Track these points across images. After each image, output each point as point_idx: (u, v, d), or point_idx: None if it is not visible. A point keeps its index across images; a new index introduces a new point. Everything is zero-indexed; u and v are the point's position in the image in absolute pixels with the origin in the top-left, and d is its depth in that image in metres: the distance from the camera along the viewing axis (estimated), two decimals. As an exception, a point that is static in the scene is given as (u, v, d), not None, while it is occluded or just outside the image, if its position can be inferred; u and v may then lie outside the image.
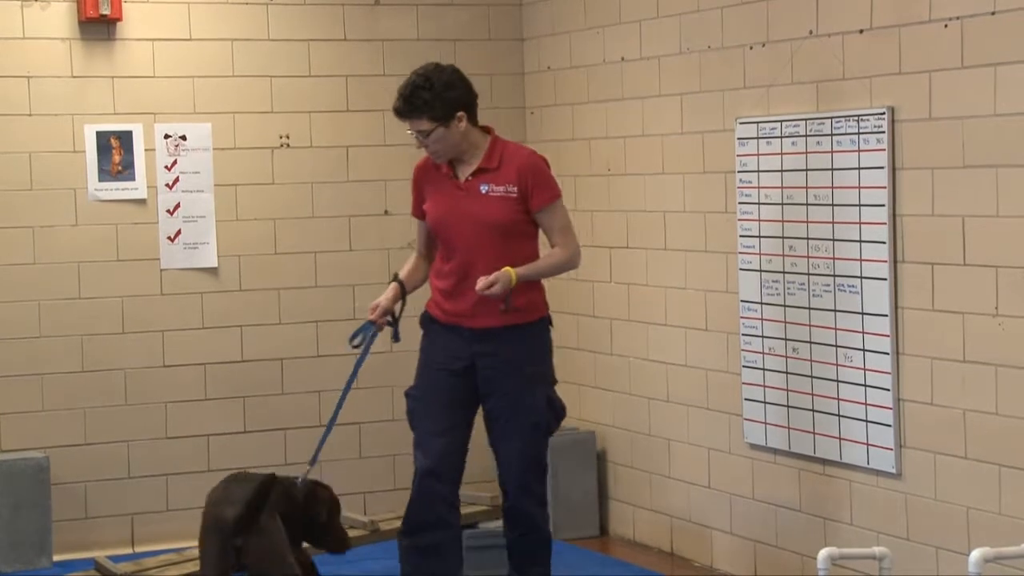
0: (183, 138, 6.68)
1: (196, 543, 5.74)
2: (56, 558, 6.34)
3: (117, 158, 6.60)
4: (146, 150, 6.63)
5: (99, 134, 6.57)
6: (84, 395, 6.56)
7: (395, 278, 5.22)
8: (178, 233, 6.69)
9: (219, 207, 6.73)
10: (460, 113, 5.01)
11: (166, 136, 6.67)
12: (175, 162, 6.68)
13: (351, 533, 5.95)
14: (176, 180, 6.69)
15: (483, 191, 5.05)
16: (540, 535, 5.20)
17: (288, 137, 6.86)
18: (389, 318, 5.18)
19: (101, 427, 6.55)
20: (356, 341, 5.19)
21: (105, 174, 6.59)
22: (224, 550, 4.91)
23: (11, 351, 6.46)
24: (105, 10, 6.43)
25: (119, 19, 6.50)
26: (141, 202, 6.63)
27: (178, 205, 6.69)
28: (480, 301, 4.97)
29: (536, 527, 5.18)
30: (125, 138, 6.61)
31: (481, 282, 4.91)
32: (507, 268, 4.95)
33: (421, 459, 5.14)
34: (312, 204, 6.87)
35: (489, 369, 5.06)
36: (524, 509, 5.14)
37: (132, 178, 6.62)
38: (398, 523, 5.92)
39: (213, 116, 6.73)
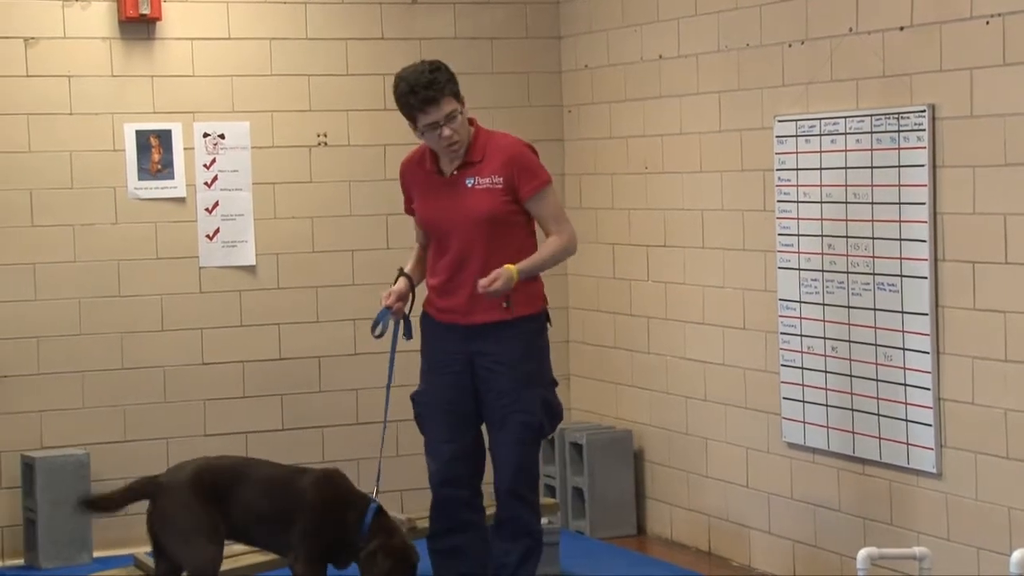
0: (222, 137, 6.71)
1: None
2: (96, 554, 6.38)
3: (156, 157, 6.64)
4: (185, 149, 6.66)
5: (139, 133, 6.60)
6: (124, 392, 6.59)
7: (401, 272, 5.14)
8: (216, 231, 6.72)
9: (257, 205, 6.76)
10: (464, 108, 5.00)
11: (205, 135, 6.70)
12: (214, 161, 6.71)
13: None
14: (215, 179, 6.72)
15: (468, 184, 4.99)
16: (532, 541, 5.09)
17: (326, 135, 6.88)
18: (403, 307, 5.09)
19: (141, 424, 6.58)
20: (377, 331, 5.12)
21: (145, 173, 6.62)
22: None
23: (52, 349, 6.49)
24: (145, 10, 6.46)
25: (159, 19, 6.53)
26: (180, 200, 6.66)
27: (217, 203, 6.72)
28: (474, 297, 4.92)
29: (528, 533, 5.08)
30: (164, 137, 6.64)
31: (482, 281, 4.86)
32: (508, 266, 4.89)
33: (433, 466, 5.14)
34: (349, 202, 6.88)
35: (484, 369, 5.00)
36: (515, 514, 5.05)
37: (171, 177, 6.65)
38: None
39: (251, 115, 6.75)
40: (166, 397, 6.64)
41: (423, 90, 4.90)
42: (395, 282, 5.11)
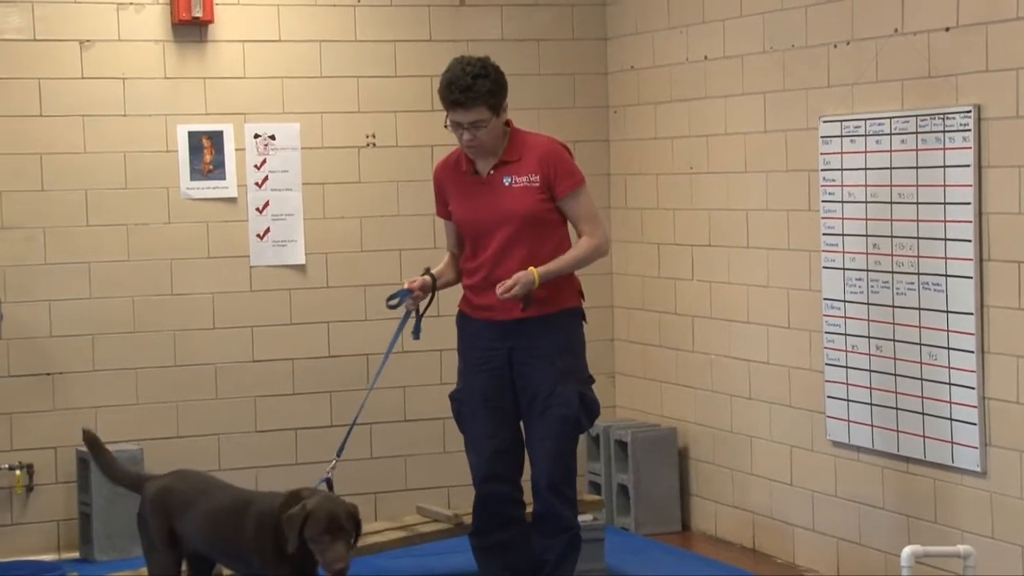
0: (272, 138, 6.74)
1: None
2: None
3: (208, 157, 6.67)
4: (236, 150, 6.69)
5: (191, 134, 6.64)
6: (176, 389, 6.63)
7: (426, 271, 5.16)
8: (267, 231, 6.76)
9: (307, 205, 6.79)
10: (505, 104, 5.01)
11: (256, 136, 6.73)
12: (264, 161, 6.74)
13: (433, 528, 5.94)
14: (265, 179, 6.76)
15: (506, 183, 5.00)
16: (570, 536, 5.09)
17: (374, 136, 6.90)
18: (422, 296, 5.10)
19: (193, 420, 6.63)
20: (393, 302, 5.12)
21: (197, 173, 6.66)
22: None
23: (106, 346, 6.54)
24: (197, 12, 6.50)
25: (211, 21, 6.56)
26: (231, 200, 6.70)
27: (267, 203, 6.76)
28: None
29: (566, 529, 5.08)
30: (216, 138, 6.68)
31: (499, 288, 4.89)
32: (530, 268, 4.90)
33: (475, 463, 5.14)
34: (397, 202, 6.91)
35: (522, 363, 5.01)
36: (553, 510, 5.04)
37: (223, 177, 6.69)
38: None
39: (301, 116, 6.78)
40: (217, 394, 6.68)
41: (458, 92, 4.93)
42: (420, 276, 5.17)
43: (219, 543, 4.89)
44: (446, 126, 5.02)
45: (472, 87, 4.91)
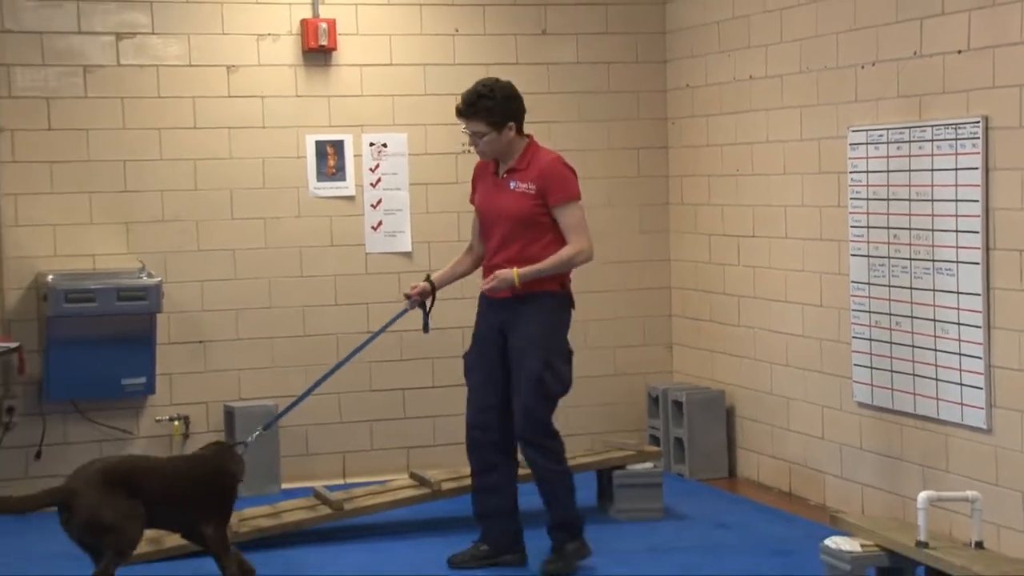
0: (384, 145, 6.77)
1: (396, 476, 5.75)
2: (283, 486, 6.47)
3: (332, 162, 6.71)
4: (355, 156, 6.71)
5: (317, 143, 6.67)
6: (305, 355, 6.67)
7: (427, 278, 5.22)
8: (379, 223, 6.81)
9: (413, 202, 6.81)
10: (511, 123, 4.96)
11: (371, 144, 6.75)
12: (378, 165, 6.78)
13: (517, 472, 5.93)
14: (378, 180, 6.79)
15: (511, 187, 5.01)
16: (552, 476, 5.01)
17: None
18: (421, 301, 5.17)
19: None
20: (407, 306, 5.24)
21: (322, 175, 6.69)
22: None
23: (248, 319, 6.60)
24: (323, 42, 6.53)
25: (334, 49, 6.60)
26: (350, 198, 6.72)
27: (380, 200, 6.80)
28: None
29: (545, 470, 5.00)
30: (338, 146, 6.71)
31: (482, 283, 4.96)
32: (513, 269, 4.90)
33: (467, 414, 5.15)
34: None
35: (509, 334, 5.02)
36: (529, 457, 5.00)
37: (343, 178, 6.72)
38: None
39: (409, 127, 6.79)
40: (338, 359, 6.52)
41: (463, 104, 4.99)
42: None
43: (177, 497, 4.72)
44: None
45: (475, 103, 4.94)
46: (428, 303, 5.24)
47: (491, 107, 4.93)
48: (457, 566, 5.15)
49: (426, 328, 5.27)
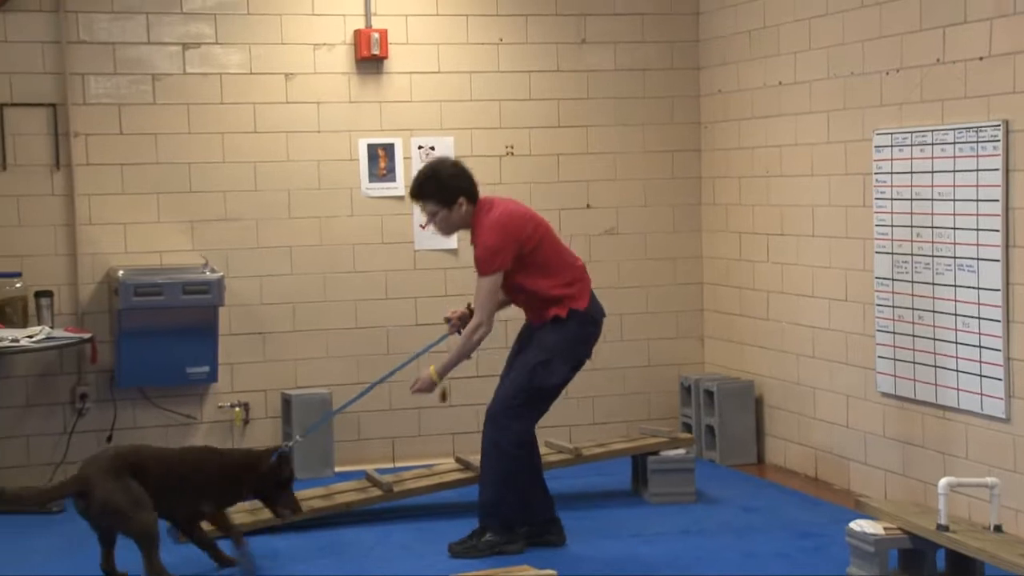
0: (432, 148, 6.75)
1: (442, 460, 5.75)
2: (337, 469, 6.50)
3: (383, 164, 6.71)
4: (404, 158, 6.71)
5: (369, 146, 6.68)
6: (357, 346, 6.69)
7: (468, 306, 5.23)
8: (427, 222, 6.83)
9: (459, 202, 6.87)
10: (460, 198, 4.95)
11: (419, 147, 6.75)
12: None
13: (558, 458, 5.97)
14: (426, 181, 6.84)
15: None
16: (497, 456, 4.98)
17: (512, 147, 6.90)
18: (460, 326, 5.22)
19: (370, 370, 6.58)
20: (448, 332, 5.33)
21: (374, 176, 6.70)
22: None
23: (304, 312, 6.64)
24: (375, 51, 6.56)
25: (385, 57, 6.62)
26: (400, 198, 6.71)
27: (428, 200, 6.84)
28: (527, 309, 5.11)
29: (494, 448, 4.98)
30: (389, 149, 6.72)
31: (411, 388, 5.08)
32: (431, 367, 5.03)
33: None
34: (530, 200, 6.80)
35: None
36: (488, 433, 5.01)
37: (394, 180, 6.73)
38: (598, 450, 6.04)
39: (455, 131, 6.79)
40: (388, 350, 6.71)
41: (413, 189, 5.03)
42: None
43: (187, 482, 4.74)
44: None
45: (422, 187, 4.98)
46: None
47: (437, 188, 4.95)
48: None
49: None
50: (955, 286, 5.31)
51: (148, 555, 4.56)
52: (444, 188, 4.96)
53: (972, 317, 5.23)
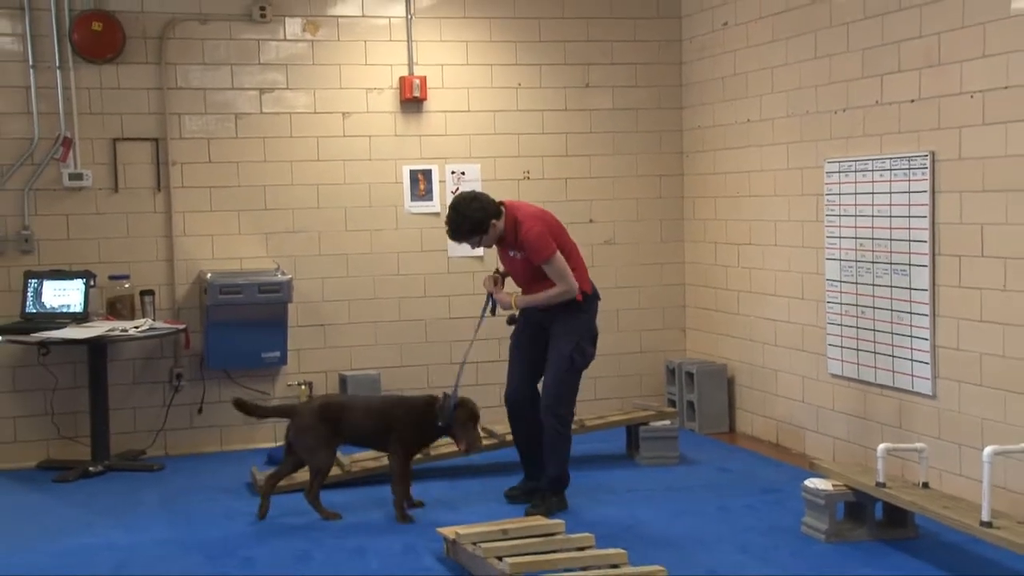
0: (463, 173, 6.75)
1: (480, 432, 5.70)
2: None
3: (422, 186, 6.70)
4: (440, 181, 6.67)
5: (411, 171, 6.66)
6: (401, 335, 6.68)
7: (497, 270, 5.12)
8: (459, 234, 6.85)
9: (485, 217, 6.88)
10: (492, 220, 4.87)
11: (452, 172, 6.71)
12: (457, 188, 6.67)
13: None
14: (458, 200, 6.86)
15: (511, 255, 5.00)
16: (558, 439, 4.92)
17: (528, 172, 6.87)
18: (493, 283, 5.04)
19: (411, 355, 6.69)
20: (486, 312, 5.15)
21: (414, 196, 6.67)
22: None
23: (358, 308, 6.61)
24: (416, 94, 6.57)
25: (425, 99, 6.62)
26: (436, 214, 6.67)
27: (459, 216, 6.85)
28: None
29: (556, 433, 4.92)
30: (427, 174, 6.70)
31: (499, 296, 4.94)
32: (516, 294, 4.90)
33: (507, 386, 5.14)
34: None
35: (548, 328, 4.99)
36: (547, 422, 4.93)
37: (431, 199, 6.70)
38: (598, 421, 5.94)
39: (481, 159, 6.76)
40: (427, 338, 6.72)
41: (451, 234, 4.88)
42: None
43: (373, 429, 4.82)
44: None
45: (458, 231, 4.84)
46: (500, 285, 5.10)
47: (471, 227, 4.84)
48: (515, 499, 5.20)
49: (493, 311, 5.15)
50: (891, 287, 5.33)
51: (312, 483, 4.81)
52: (476, 224, 4.87)
53: (905, 312, 5.25)
